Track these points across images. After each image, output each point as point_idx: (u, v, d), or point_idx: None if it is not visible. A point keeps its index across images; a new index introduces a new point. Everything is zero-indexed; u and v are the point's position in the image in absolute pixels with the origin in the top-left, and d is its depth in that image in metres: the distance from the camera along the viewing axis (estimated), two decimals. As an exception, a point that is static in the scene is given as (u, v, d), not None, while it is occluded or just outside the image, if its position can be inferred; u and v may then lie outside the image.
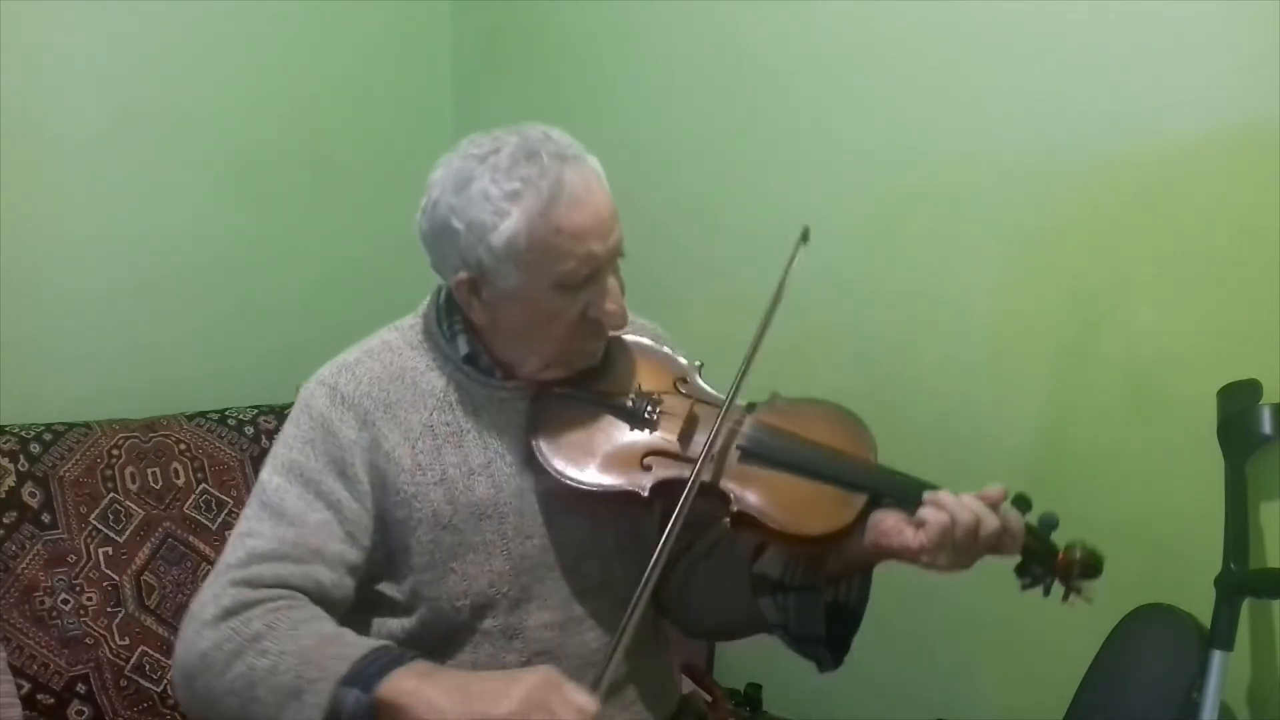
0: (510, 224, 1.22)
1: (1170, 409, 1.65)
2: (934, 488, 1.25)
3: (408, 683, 1.11)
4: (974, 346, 1.88)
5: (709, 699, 1.80)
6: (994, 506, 1.23)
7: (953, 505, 1.20)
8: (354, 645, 1.17)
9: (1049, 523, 1.28)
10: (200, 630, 1.20)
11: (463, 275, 1.28)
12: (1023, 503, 1.27)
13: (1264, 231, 1.53)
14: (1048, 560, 1.28)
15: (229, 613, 1.19)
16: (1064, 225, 1.76)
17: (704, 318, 2.13)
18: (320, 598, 1.25)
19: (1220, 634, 1.51)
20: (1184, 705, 1.51)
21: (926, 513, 1.21)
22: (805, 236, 1.40)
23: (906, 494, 1.26)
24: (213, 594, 1.22)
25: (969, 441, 1.87)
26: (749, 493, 1.27)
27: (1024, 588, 1.30)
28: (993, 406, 1.86)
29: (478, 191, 1.24)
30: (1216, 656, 1.50)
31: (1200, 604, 1.55)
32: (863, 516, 1.26)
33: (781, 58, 2.08)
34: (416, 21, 2.65)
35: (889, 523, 1.24)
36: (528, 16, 2.55)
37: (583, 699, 1.08)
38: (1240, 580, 1.52)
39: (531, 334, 1.31)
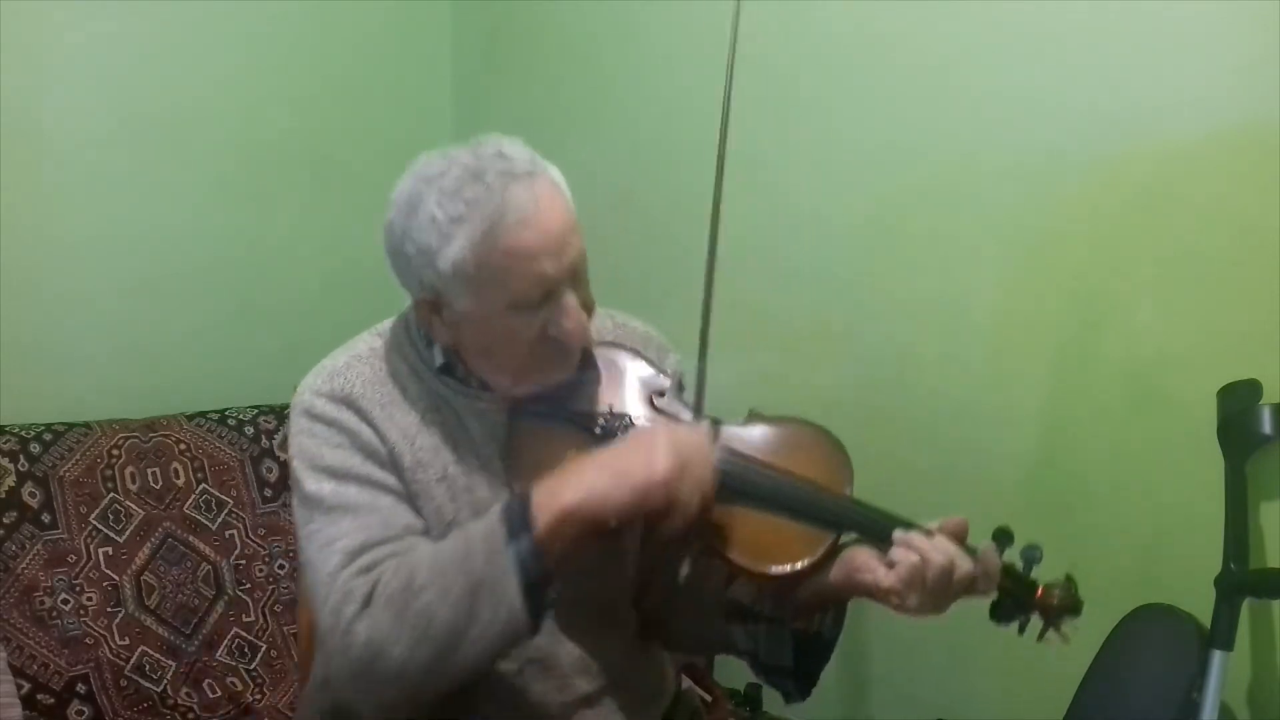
0: (455, 248, 1.21)
1: (1170, 409, 1.65)
2: (908, 524, 1.23)
3: (561, 497, 1.16)
4: (974, 346, 1.88)
5: (708, 698, 1.80)
6: (960, 538, 1.22)
7: (924, 546, 1.18)
8: (484, 519, 1.19)
9: (1032, 556, 1.25)
10: (351, 626, 1.17)
11: (421, 297, 1.27)
12: (1004, 536, 1.24)
13: (1264, 231, 1.53)
14: (1025, 599, 1.25)
15: (368, 599, 1.18)
16: (1064, 225, 1.76)
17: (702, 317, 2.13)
18: None
19: (1220, 634, 1.51)
20: (1184, 705, 1.51)
21: (898, 553, 1.19)
22: None
23: (877, 531, 1.23)
24: (343, 593, 1.19)
25: (969, 442, 1.87)
26: (714, 527, 1.25)
27: (999, 625, 1.28)
28: (993, 407, 1.85)
29: (425, 215, 1.22)
30: (1216, 656, 1.50)
31: (1200, 604, 1.55)
32: (830, 554, 1.24)
33: (781, 58, 2.08)
34: (416, 21, 2.65)
35: (860, 559, 1.23)
36: (528, 16, 2.55)
37: (704, 438, 1.19)
38: (1240, 580, 1.52)
39: (494, 353, 1.29)
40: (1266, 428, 1.52)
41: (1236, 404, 1.55)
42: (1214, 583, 1.53)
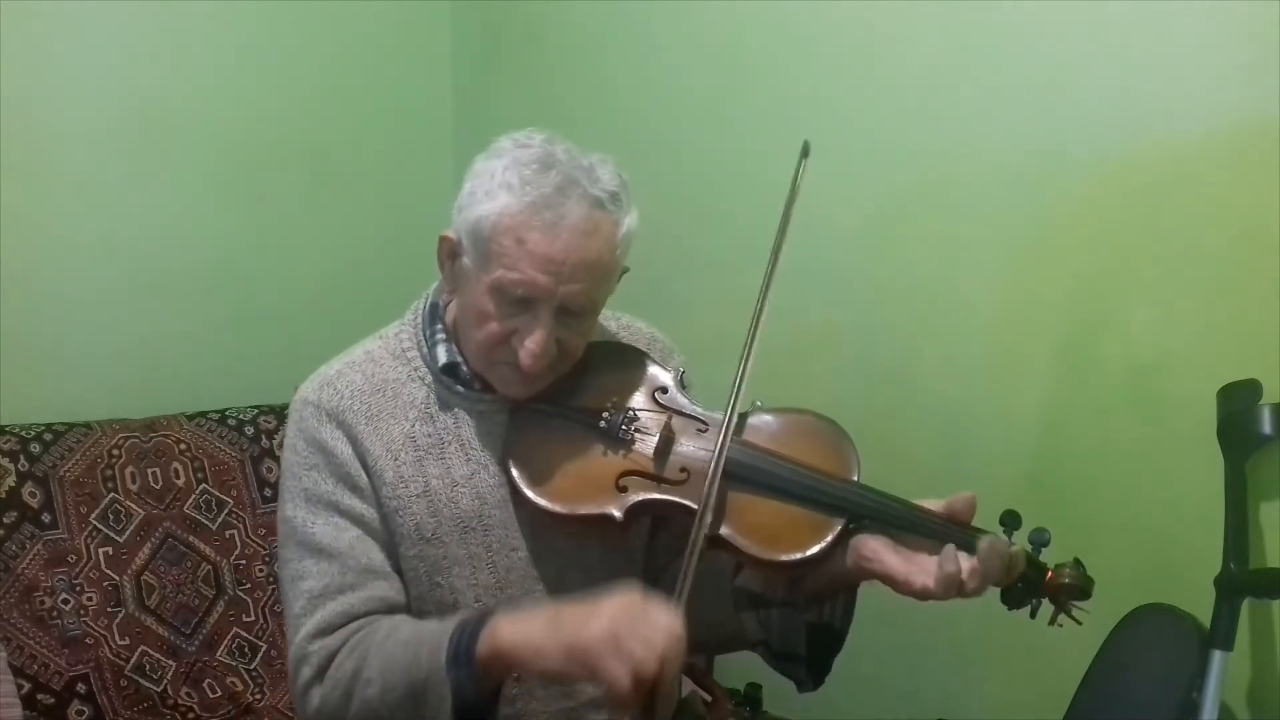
0: (487, 208, 1.24)
1: (1170, 409, 1.65)
2: (918, 508, 1.23)
3: (501, 634, 1.17)
4: (975, 346, 1.88)
5: (709, 699, 1.80)
6: (968, 516, 1.21)
7: (959, 576, 1.18)
8: (438, 633, 1.20)
9: (1040, 540, 1.25)
10: (306, 692, 1.27)
11: (450, 232, 1.30)
12: (1012, 519, 1.24)
13: (1264, 231, 1.53)
14: (1036, 582, 1.25)
15: (321, 669, 1.26)
16: (1064, 225, 1.76)
17: (705, 317, 2.13)
18: (391, 609, 1.29)
19: (1220, 634, 1.51)
20: (1184, 705, 1.51)
21: (941, 571, 1.18)
22: (805, 151, 1.36)
23: (888, 516, 1.24)
24: (300, 655, 1.27)
25: (970, 441, 1.87)
26: (724, 516, 1.25)
27: (1010, 609, 1.28)
28: (993, 406, 1.86)
29: (490, 167, 1.26)
30: (1216, 656, 1.50)
31: (1200, 604, 1.55)
32: (840, 540, 1.24)
33: (781, 58, 2.08)
34: (416, 21, 2.65)
35: (870, 546, 1.23)
36: (528, 16, 2.55)
37: (666, 618, 1.10)
38: (1240, 580, 1.52)
39: (465, 325, 1.31)
40: (1266, 428, 1.53)
41: (1236, 404, 1.55)
42: (1214, 583, 1.53)
